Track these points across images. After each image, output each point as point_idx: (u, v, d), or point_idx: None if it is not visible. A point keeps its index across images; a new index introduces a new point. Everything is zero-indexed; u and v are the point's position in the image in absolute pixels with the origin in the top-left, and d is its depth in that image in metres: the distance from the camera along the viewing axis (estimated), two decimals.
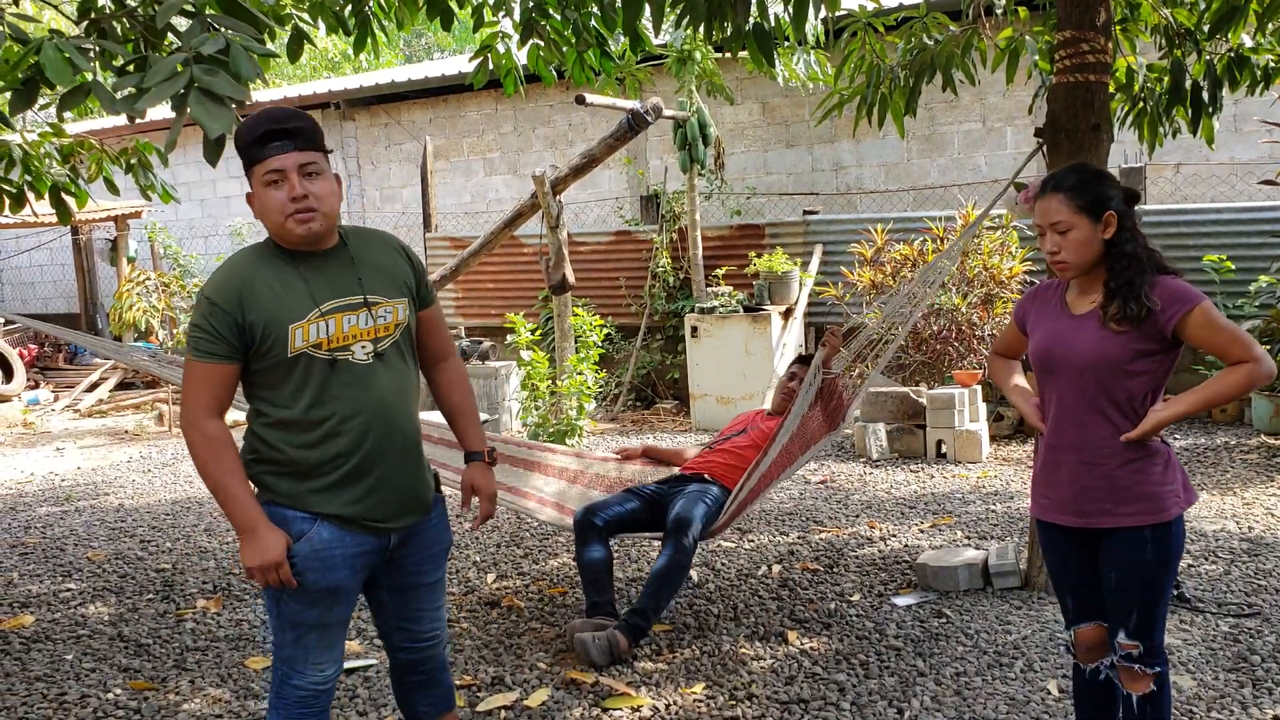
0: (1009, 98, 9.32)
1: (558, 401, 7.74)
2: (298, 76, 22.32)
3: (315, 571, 2.36)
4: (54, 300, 15.79)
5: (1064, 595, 2.72)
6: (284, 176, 2.29)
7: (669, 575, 3.90)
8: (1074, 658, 2.76)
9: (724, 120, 10.57)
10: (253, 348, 2.32)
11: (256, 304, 2.30)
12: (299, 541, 2.35)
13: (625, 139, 7.51)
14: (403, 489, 2.46)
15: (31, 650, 4.19)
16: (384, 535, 2.45)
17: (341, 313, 2.36)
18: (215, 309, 2.30)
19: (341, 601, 2.43)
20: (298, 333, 2.31)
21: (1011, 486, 6.24)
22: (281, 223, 2.32)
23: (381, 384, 2.41)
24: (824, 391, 4.22)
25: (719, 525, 4.13)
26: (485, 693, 3.58)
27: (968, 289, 7.64)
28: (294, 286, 2.34)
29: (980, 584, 4.42)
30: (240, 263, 2.38)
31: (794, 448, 4.13)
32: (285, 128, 2.30)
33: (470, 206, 12.29)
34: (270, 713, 2.48)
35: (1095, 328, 2.52)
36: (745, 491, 4.05)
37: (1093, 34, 4.07)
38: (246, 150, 2.32)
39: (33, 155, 5.01)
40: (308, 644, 2.42)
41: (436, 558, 2.60)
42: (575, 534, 4.13)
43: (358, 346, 2.37)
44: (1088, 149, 4.15)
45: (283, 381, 2.35)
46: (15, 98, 2.60)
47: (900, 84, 4.98)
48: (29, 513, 6.67)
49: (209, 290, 2.33)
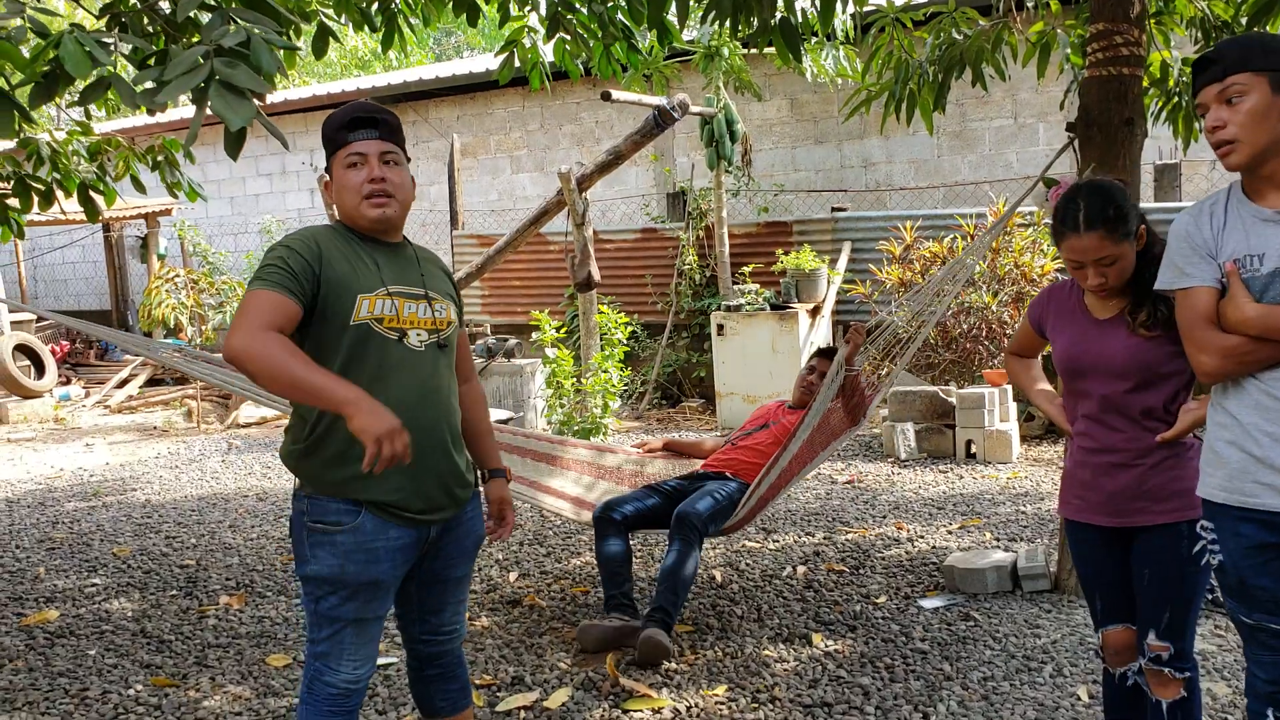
0: (1041, 93, 9.21)
1: (583, 399, 7.72)
2: (328, 75, 22.44)
3: (358, 564, 2.34)
4: (86, 296, 15.95)
5: (1093, 597, 2.67)
6: (364, 160, 2.38)
7: (676, 571, 3.86)
8: (1103, 662, 2.71)
9: (751, 117, 10.51)
10: (318, 307, 2.31)
11: (331, 264, 2.33)
12: (343, 532, 2.34)
13: (652, 136, 7.46)
14: (445, 479, 2.46)
15: (55, 645, 4.20)
16: (424, 527, 2.44)
17: (404, 298, 2.41)
18: (293, 253, 2.30)
19: (380, 596, 2.42)
20: (365, 303, 2.34)
21: (1042, 487, 6.15)
22: (357, 204, 2.38)
23: (433, 374, 2.43)
24: (846, 387, 4.18)
25: (738, 520, 4.08)
26: (505, 692, 3.55)
27: (998, 287, 7.55)
28: (365, 263, 2.39)
29: (1009, 587, 4.35)
30: (316, 230, 2.42)
31: (815, 443, 4.10)
32: (372, 117, 2.40)
33: (497, 204, 12.29)
34: (300, 708, 2.45)
35: (1125, 333, 2.46)
36: (765, 487, 4.00)
37: (1126, 26, 4.00)
38: (332, 135, 2.41)
39: (61, 153, 5.03)
40: (343, 640, 2.40)
41: (469, 551, 2.61)
42: (594, 529, 4.12)
43: (414, 333, 2.41)
44: (1121, 144, 4.07)
45: (336, 353, 2.33)
46: (35, 91, 2.60)
47: (929, 80, 4.91)
48: (57, 508, 6.71)
49: (288, 240, 2.35)
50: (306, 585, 2.40)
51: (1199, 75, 2.18)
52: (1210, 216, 2.21)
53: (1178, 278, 2.23)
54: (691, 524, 3.92)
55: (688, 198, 10.09)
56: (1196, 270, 2.20)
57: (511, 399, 8.83)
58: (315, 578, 2.37)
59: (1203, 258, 2.19)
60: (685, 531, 3.91)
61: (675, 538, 3.92)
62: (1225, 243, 2.18)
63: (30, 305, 15.33)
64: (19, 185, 4.94)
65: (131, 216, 12.91)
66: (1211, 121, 2.14)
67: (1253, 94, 2.08)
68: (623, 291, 10.25)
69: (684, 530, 3.91)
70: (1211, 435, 2.24)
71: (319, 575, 2.36)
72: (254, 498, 6.77)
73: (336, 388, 2.15)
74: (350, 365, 2.33)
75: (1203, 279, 2.19)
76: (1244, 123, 2.09)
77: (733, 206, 10.16)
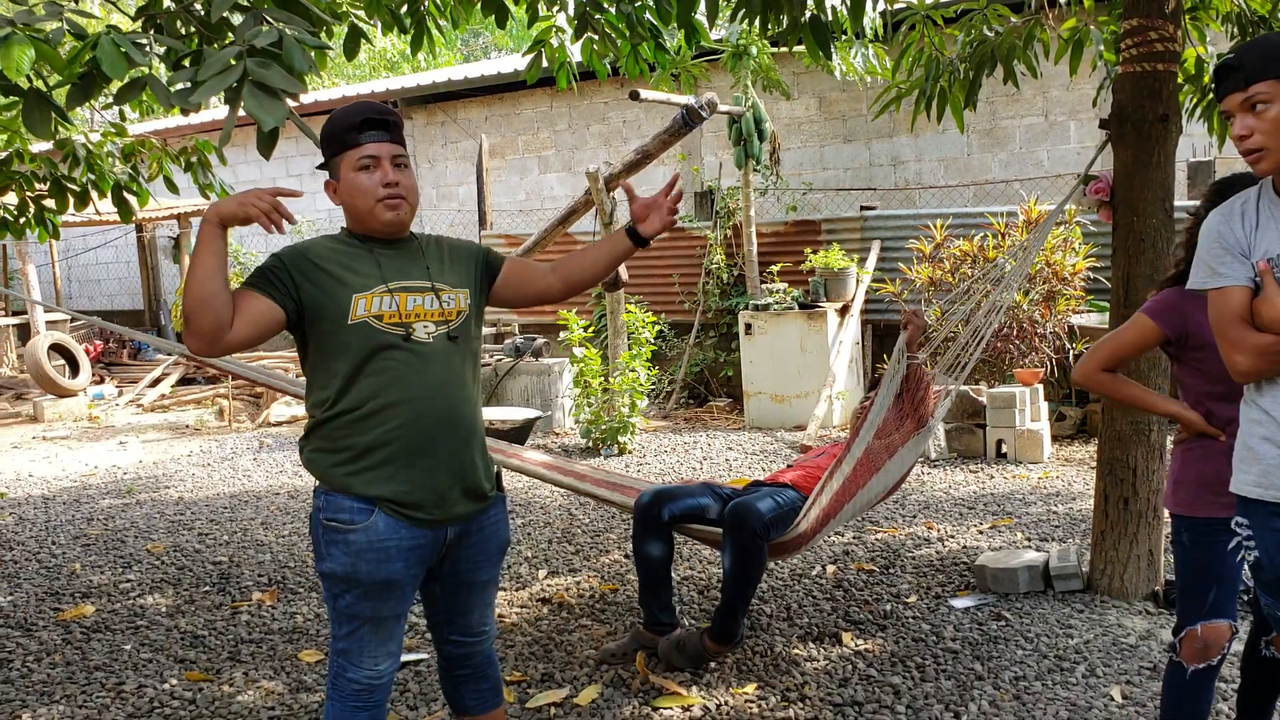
0: (1072, 91, 9.14)
1: (610, 398, 7.73)
2: (357, 76, 22.58)
3: (370, 563, 2.35)
4: (119, 297, 16.13)
5: (1206, 593, 2.63)
6: (378, 163, 2.37)
7: (737, 578, 3.57)
8: (1179, 658, 2.69)
9: (780, 115, 10.49)
10: (306, 310, 2.34)
11: (323, 270, 2.35)
12: (356, 531, 2.34)
13: (680, 135, 7.47)
14: (460, 476, 2.43)
15: (92, 640, 4.26)
16: (440, 528, 2.43)
17: (407, 292, 2.40)
18: (279, 262, 2.36)
19: (396, 596, 2.41)
20: (360, 302, 2.34)
21: (1074, 487, 6.10)
22: (371, 207, 2.38)
23: (442, 367, 2.41)
24: (910, 379, 3.89)
25: (799, 533, 3.67)
26: (535, 689, 3.57)
27: (1029, 286, 7.49)
28: (365, 264, 2.40)
29: (1041, 587, 4.32)
30: (315, 240, 2.45)
31: (880, 449, 3.76)
32: (383, 119, 2.39)
33: (525, 204, 12.32)
34: (327, 704, 2.48)
35: None
36: (828, 496, 3.64)
37: (1161, 21, 3.96)
38: (341, 135, 2.39)
39: (95, 154, 5.09)
40: (362, 637, 2.42)
41: (493, 556, 2.58)
42: (635, 520, 3.79)
43: (420, 326, 2.39)
44: (1155, 141, 4.03)
45: (339, 355, 2.35)
46: (73, 92, 2.63)
47: (960, 77, 4.88)
48: (92, 505, 6.79)
49: (279, 251, 2.40)
50: (325, 582, 2.42)
51: (1221, 82, 2.16)
52: (1242, 216, 2.19)
53: (1210, 277, 2.21)
54: (750, 525, 3.55)
55: (715, 197, 10.08)
56: (1229, 270, 2.18)
57: (539, 398, 8.85)
58: (330, 575, 2.38)
59: (1235, 257, 2.17)
60: (741, 534, 3.56)
61: (730, 540, 3.59)
62: (1258, 242, 2.16)
63: (64, 306, 15.53)
64: (55, 186, 5.00)
65: (164, 217, 13.04)
66: (1239, 130, 2.13)
67: (1278, 101, 2.07)
68: (650, 291, 10.25)
69: (741, 532, 3.56)
70: (1246, 431, 2.22)
71: (334, 573, 2.38)
72: (285, 495, 6.82)
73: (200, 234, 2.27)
74: (355, 364, 2.34)
75: (1236, 278, 2.17)
76: (1271, 130, 2.08)
77: (761, 205, 10.14)
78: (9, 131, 5.02)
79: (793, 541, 3.72)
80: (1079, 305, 7.63)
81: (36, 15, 2.61)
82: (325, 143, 2.43)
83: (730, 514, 3.62)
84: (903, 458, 3.89)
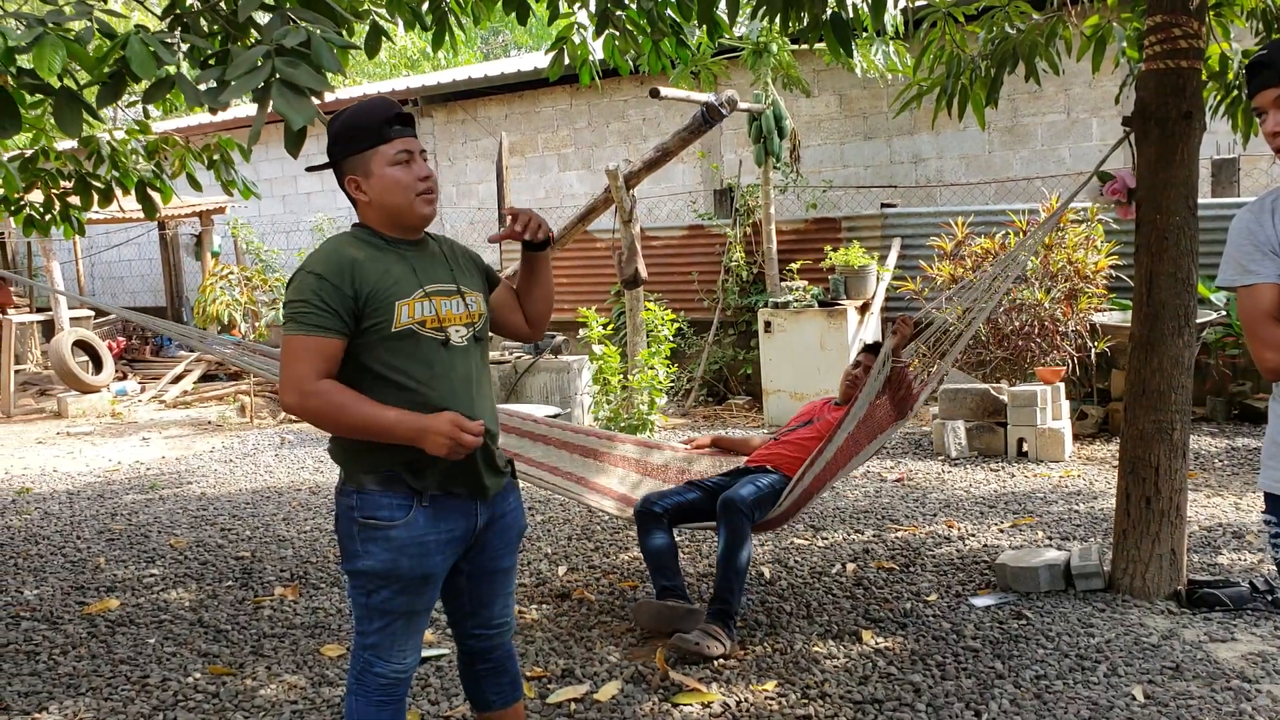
0: (1094, 88, 9.09)
1: (629, 396, 7.73)
2: (378, 74, 22.65)
3: (411, 559, 2.37)
4: (141, 294, 16.25)
5: None
6: (412, 157, 2.37)
7: (729, 557, 3.87)
8: None
9: (800, 113, 10.47)
10: (360, 323, 2.31)
11: (364, 278, 2.30)
12: (397, 528, 2.36)
13: (699, 132, 7.46)
14: (485, 462, 2.47)
15: (116, 633, 4.30)
16: (471, 514, 2.46)
17: (441, 296, 2.41)
18: (324, 283, 2.27)
19: (431, 588, 2.45)
20: (404, 309, 2.33)
21: (1095, 486, 6.08)
22: (411, 201, 2.37)
23: (473, 367, 2.45)
24: (892, 380, 4.14)
25: (781, 512, 4.07)
26: (555, 685, 3.58)
27: (1051, 284, 7.46)
28: (398, 267, 2.37)
29: (1062, 585, 4.31)
30: (341, 243, 2.38)
31: (860, 436, 4.06)
32: (409, 115, 2.40)
33: (545, 202, 12.35)
34: (349, 699, 2.49)
35: None
36: (808, 479, 3.98)
37: (1185, 18, 3.94)
38: (375, 130, 2.34)
39: (120, 152, 5.14)
40: (394, 632, 2.44)
41: (512, 543, 2.63)
42: (637, 524, 4.14)
43: (453, 330, 2.41)
44: (1179, 138, 4.01)
45: (384, 361, 2.34)
46: (102, 91, 2.67)
47: (981, 74, 4.87)
48: (116, 500, 6.85)
49: (314, 266, 2.30)
50: (356, 580, 2.42)
51: (1253, 78, 2.15)
52: (1272, 213, 2.18)
53: (1240, 275, 2.20)
54: (737, 508, 3.91)
55: (735, 194, 10.07)
56: (1259, 267, 2.17)
57: (558, 395, 8.87)
58: (367, 572, 2.39)
59: (1265, 254, 2.17)
60: (732, 517, 3.91)
61: (723, 525, 3.93)
62: None
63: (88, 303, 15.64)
64: (80, 184, 5.05)
65: (187, 215, 13.13)
66: (1271, 126, 2.12)
67: None
68: (669, 288, 10.26)
69: (731, 516, 3.91)
70: (1274, 429, 2.21)
71: (372, 570, 2.38)
72: (307, 491, 6.86)
73: (400, 422, 2.26)
74: (401, 372, 2.34)
75: (1265, 275, 2.16)
76: None
77: (780, 203, 10.13)
78: (35, 130, 5.07)
79: (776, 519, 4.13)
80: (1101, 303, 7.59)
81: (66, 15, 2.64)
82: (351, 138, 2.36)
83: (720, 506, 3.97)
84: (879, 441, 4.20)
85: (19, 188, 5.04)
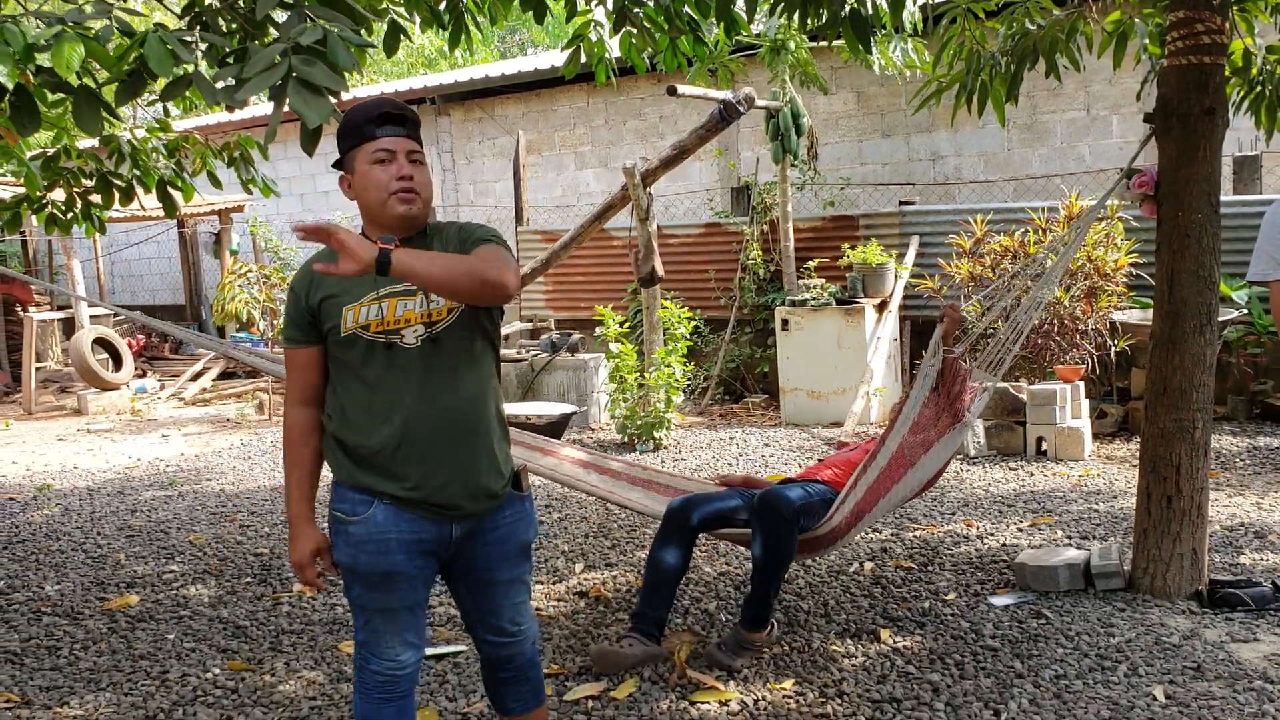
0: (1115, 84, 9.03)
1: (646, 394, 7.73)
2: (395, 73, 22.71)
3: (370, 555, 2.37)
4: (161, 292, 16.34)
5: None
6: (393, 157, 2.37)
7: (768, 564, 3.56)
8: None
9: (818, 110, 10.44)
10: (321, 329, 2.41)
11: (321, 286, 2.39)
12: (355, 524, 2.38)
13: (716, 130, 7.45)
14: (461, 476, 2.40)
15: (136, 629, 4.32)
16: (444, 523, 2.41)
17: (397, 297, 2.36)
18: (294, 294, 2.44)
19: (401, 587, 2.40)
20: (349, 314, 2.35)
21: (1115, 485, 6.04)
22: (384, 200, 2.36)
23: (433, 369, 2.37)
24: (945, 373, 3.84)
25: (832, 527, 3.66)
26: (572, 682, 3.58)
27: (1070, 281, 7.41)
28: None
29: (1081, 585, 4.28)
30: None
31: (914, 444, 3.73)
32: (400, 114, 2.39)
33: (561, 200, 12.36)
34: (355, 697, 2.51)
35: None
36: (862, 489, 3.62)
37: (1208, 14, 3.90)
38: (359, 129, 2.37)
39: (140, 150, 5.17)
40: (376, 628, 2.44)
41: (510, 556, 2.53)
42: (662, 524, 3.77)
43: (409, 331, 2.35)
44: (1201, 135, 3.98)
45: (342, 364, 2.40)
46: (120, 89, 2.68)
47: (1001, 71, 4.84)
48: (135, 496, 6.89)
49: (293, 279, 2.47)
50: (341, 574, 2.47)
51: None
52: None
53: (1273, 268, 2.19)
54: (779, 511, 3.54)
55: (752, 192, 10.04)
56: None
57: (575, 394, 8.88)
58: (340, 566, 2.45)
59: None
60: (771, 520, 3.54)
61: (759, 526, 3.57)
62: None
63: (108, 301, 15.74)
64: (101, 182, 5.08)
65: (205, 213, 13.20)
66: None
67: None
68: (686, 286, 10.25)
69: (770, 518, 3.55)
70: None
71: (341, 564, 2.44)
72: (325, 488, 6.86)
73: (288, 505, 2.52)
74: (354, 373, 2.38)
75: None
76: None
77: (798, 201, 10.10)
78: (57, 128, 5.10)
79: (826, 536, 3.70)
80: (1121, 301, 7.54)
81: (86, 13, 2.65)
82: (342, 137, 2.40)
83: (759, 501, 3.63)
84: (938, 453, 3.86)
85: (41, 186, 5.07)
